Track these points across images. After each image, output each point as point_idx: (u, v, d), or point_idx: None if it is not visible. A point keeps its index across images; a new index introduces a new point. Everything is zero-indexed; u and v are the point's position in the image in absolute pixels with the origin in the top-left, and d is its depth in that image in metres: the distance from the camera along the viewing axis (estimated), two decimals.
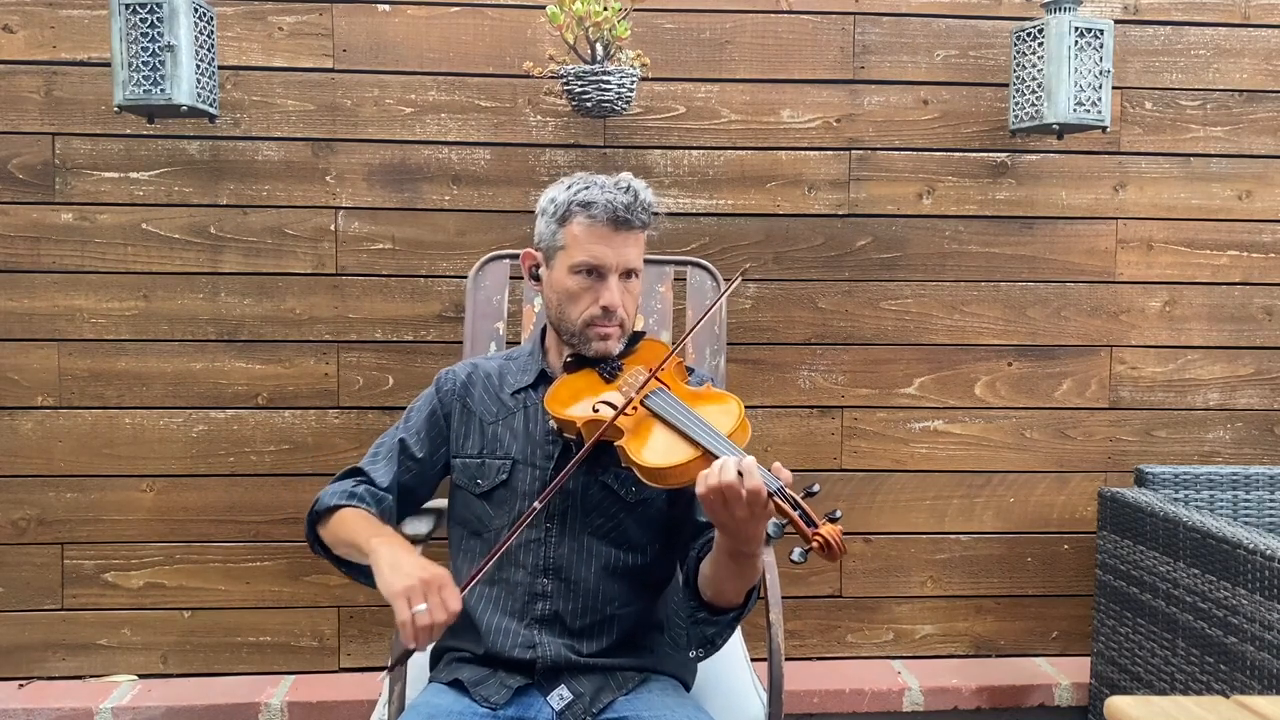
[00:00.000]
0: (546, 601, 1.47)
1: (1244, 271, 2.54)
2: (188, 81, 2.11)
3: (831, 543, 1.18)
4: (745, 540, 1.25)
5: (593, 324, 1.49)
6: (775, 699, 1.53)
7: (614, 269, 1.47)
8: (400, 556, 1.34)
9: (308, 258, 2.37)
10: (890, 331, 2.48)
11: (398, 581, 1.28)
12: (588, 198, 1.47)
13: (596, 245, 1.47)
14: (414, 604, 1.26)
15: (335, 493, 1.52)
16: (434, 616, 1.26)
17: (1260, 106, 2.51)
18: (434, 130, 2.37)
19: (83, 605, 2.38)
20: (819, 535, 1.19)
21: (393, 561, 1.32)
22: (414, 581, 1.28)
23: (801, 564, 1.18)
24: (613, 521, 1.49)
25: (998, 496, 2.53)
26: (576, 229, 1.47)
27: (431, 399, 1.60)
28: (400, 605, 1.26)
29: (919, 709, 2.39)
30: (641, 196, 1.48)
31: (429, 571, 1.30)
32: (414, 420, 1.59)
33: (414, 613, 1.25)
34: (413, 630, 1.25)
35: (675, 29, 2.39)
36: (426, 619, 1.25)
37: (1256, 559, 1.78)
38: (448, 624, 1.27)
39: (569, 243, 1.48)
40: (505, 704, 1.42)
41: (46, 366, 2.34)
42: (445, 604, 1.27)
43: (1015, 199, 2.49)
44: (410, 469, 1.57)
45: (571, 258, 1.48)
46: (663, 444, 1.34)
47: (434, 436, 1.58)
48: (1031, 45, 2.29)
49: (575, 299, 1.49)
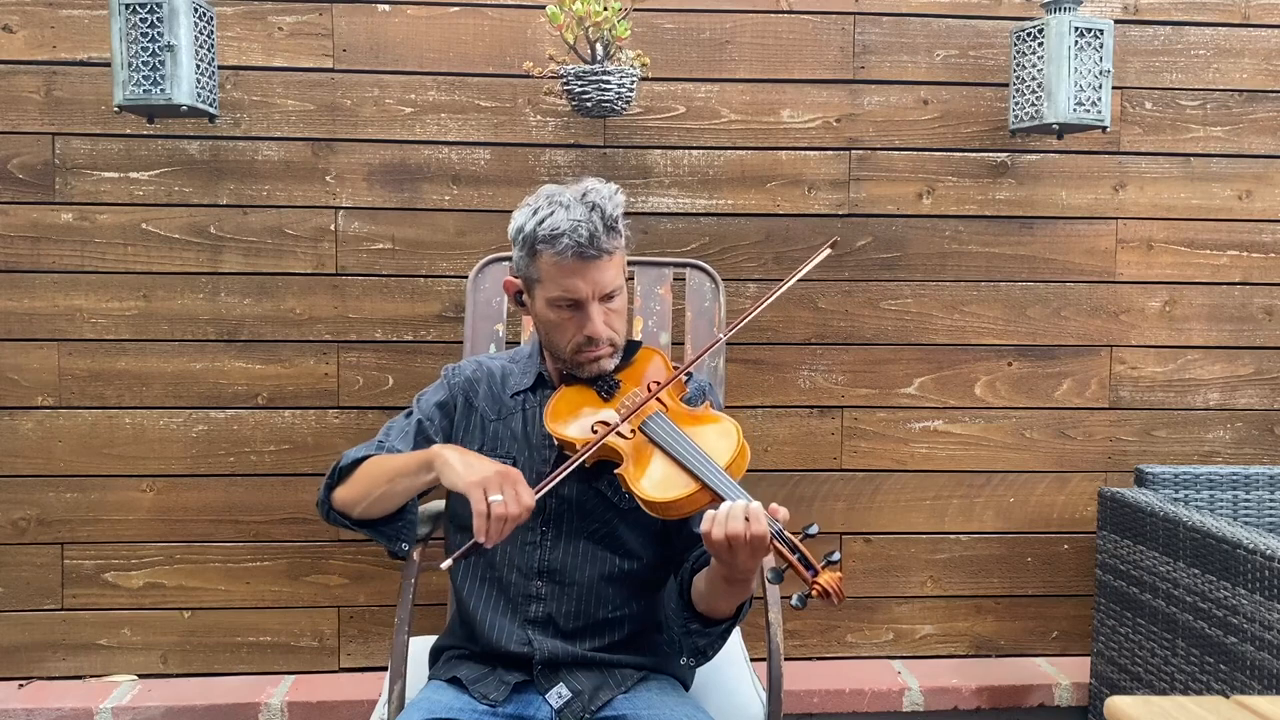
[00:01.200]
0: (540, 604, 1.48)
1: (1244, 271, 2.54)
2: (188, 81, 2.11)
3: (830, 590, 1.20)
4: (742, 572, 1.27)
5: (581, 351, 1.48)
6: (775, 699, 1.53)
7: (591, 298, 1.43)
8: (469, 455, 1.37)
9: (308, 258, 2.37)
10: (890, 331, 2.48)
11: (472, 474, 1.30)
12: (553, 230, 1.40)
13: (568, 279, 1.42)
14: (490, 494, 1.27)
15: (357, 451, 1.52)
16: (509, 508, 1.27)
17: (1260, 106, 2.51)
18: (434, 130, 2.37)
19: (83, 605, 2.38)
20: (818, 584, 1.21)
21: (463, 458, 1.35)
22: (490, 473, 1.30)
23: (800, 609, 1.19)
24: (607, 527, 1.50)
25: (998, 496, 2.53)
26: (546, 264, 1.43)
27: (444, 389, 1.60)
28: (477, 495, 1.28)
29: (919, 709, 2.39)
30: (609, 213, 1.42)
31: (502, 466, 1.32)
32: (427, 407, 1.58)
33: (490, 502, 1.27)
34: (486, 522, 1.26)
35: (675, 29, 2.39)
36: (502, 509, 1.27)
37: (1256, 559, 1.78)
38: (521, 519, 1.29)
39: (542, 276, 1.45)
40: (504, 701, 1.42)
41: (46, 366, 2.34)
42: (520, 497, 1.29)
43: (1015, 199, 2.49)
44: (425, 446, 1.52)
45: (547, 292, 1.45)
46: (661, 475, 1.35)
47: (445, 427, 1.57)
48: (1031, 45, 2.29)
49: (559, 329, 1.47)
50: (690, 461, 1.33)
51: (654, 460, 1.37)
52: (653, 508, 1.33)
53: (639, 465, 1.36)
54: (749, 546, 1.21)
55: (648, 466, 1.36)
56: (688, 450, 1.35)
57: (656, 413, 1.42)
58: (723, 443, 1.36)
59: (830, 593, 1.19)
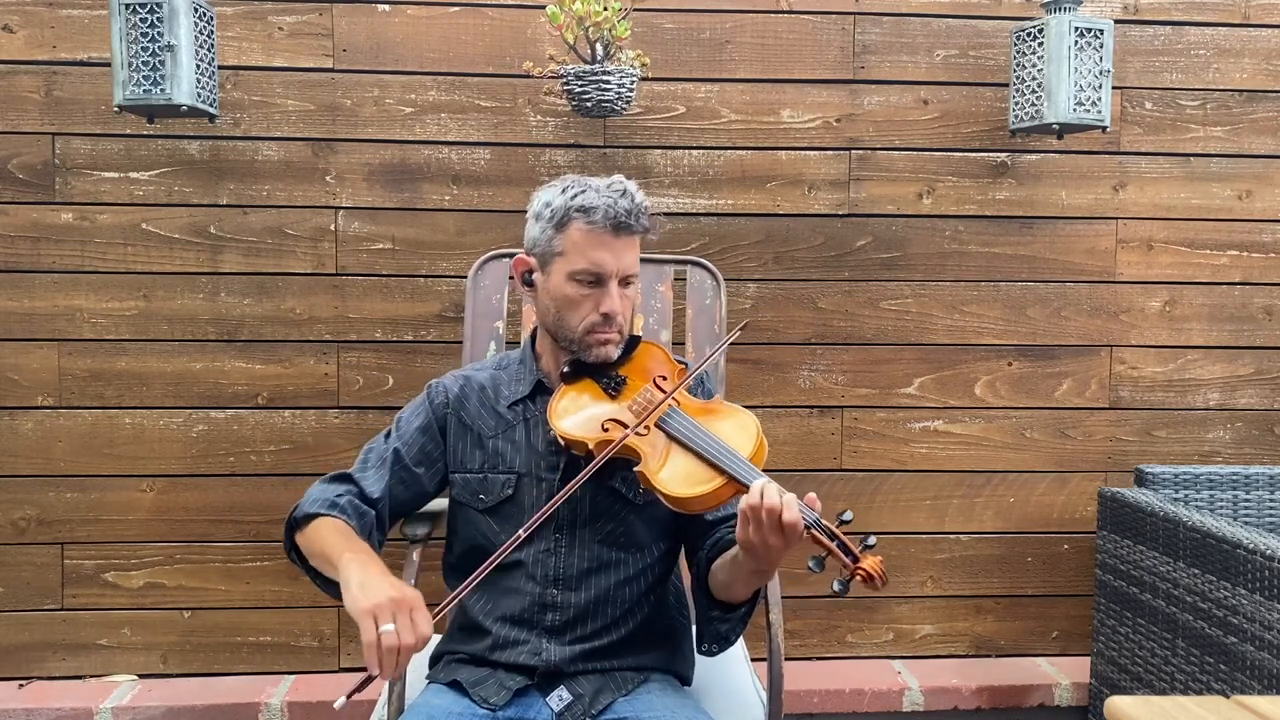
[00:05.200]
0: (557, 612, 1.46)
1: (1244, 271, 2.54)
2: (188, 81, 2.11)
3: (874, 574, 1.20)
4: (769, 563, 1.26)
5: (593, 330, 1.46)
6: (775, 699, 1.53)
7: (614, 275, 1.44)
8: (371, 575, 1.25)
9: (308, 258, 2.37)
10: (890, 331, 2.48)
11: (365, 599, 1.20)
12: (587, 202, 1.42)
13: (597, 251, 1.43)
14: (381, 623, 1.17)
15: (316, 500, 1.47)
16: (401, 638, 1.17)
17: (1260, 106, 2.51)
18: (434, 130, 2.37)
19: (83, 605, 2.38)
20: (861, 569, 1.21)
21: (362, 580, 1.24)
22: (383, 599, 1.19)
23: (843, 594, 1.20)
24: (622, 525, 1.49)
25: (998, 496, 2.53)
26: (576, 235, 1.43)
27: (425, 411, 1.55)
28: (367, 624, 1.18)
29: (919, 709, 2.39)
30: (638, 200, 1.45)
31: (400, 591, 1.22)
32: (406, 431, 1.54)
33: (380, 632, 1.17)
34: (378, 652, 1.16)
35: (675, 29, 2.39)
36: (393, 640, 1.17)
37: (1256, 559, 1.78)
38: (415, 649, 1.19)
39: (568, 249, 1.44)
40: (504, 705, 1.41)
41: (46, 366, 2.34)
42: (415, 626, 1.19)
43: (1015, 199, 2.49)
44: (403, 479, 1.52)
45: (571, 264, 1.44)
46: (685, 471, 1.33)
47: (428, 450, 1.53)
48: (1031, 45, 2.29)
49: (575, 306, 1.46)
50: (714, 455, 1.32)
51: (676, 456, 1.36)
52: (678, 503, 1.32)
53: (660, 462, 1.35)
54: (781, 532, 1.20)
55: (669, 463, 1.35)
56: (710, 444, 1.34)
57: (673, 408, 1.42)
58: (742, 435, 1.36)
59: (874, 576, 1.20)
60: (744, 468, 1.29)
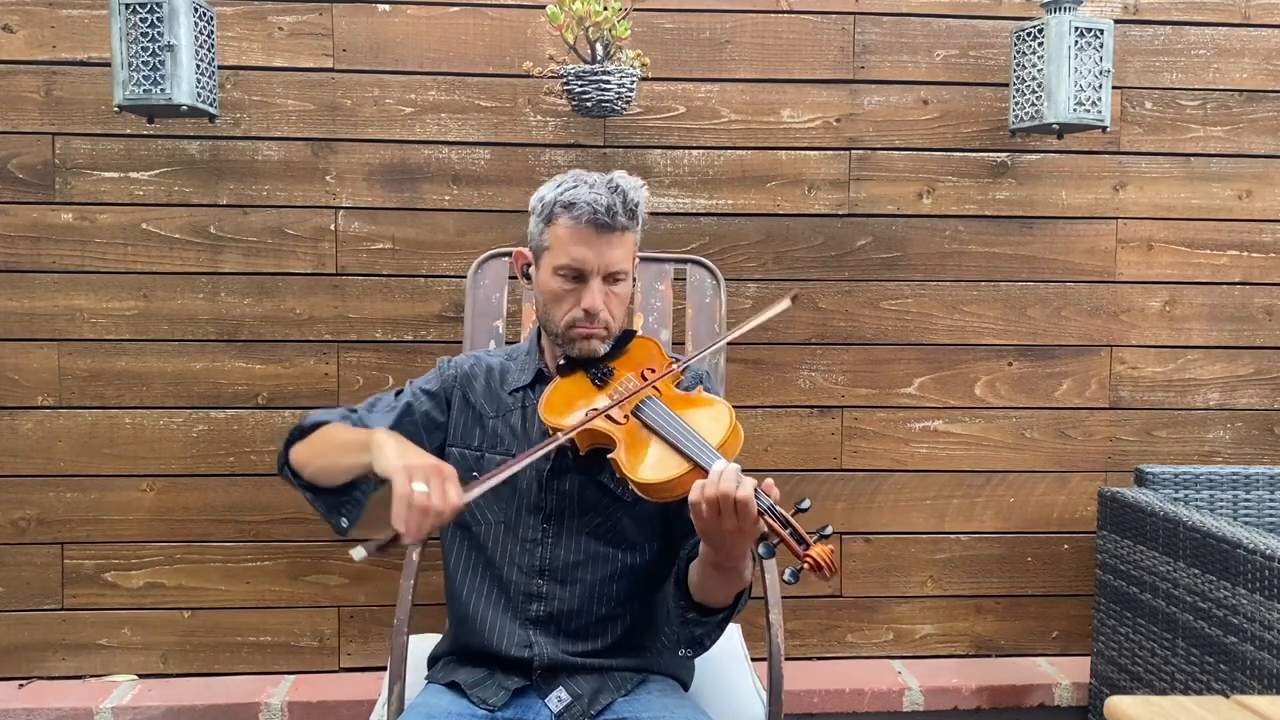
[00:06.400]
0: (542, 603, 1.47)
1: (1244, 271, 2.54)
2: (188, 81, 2.11)
3: (822, 563, 1.18)
4: (728, 554, 1.24)
5: (575, 325, 1.47)
6: (775, 699, 1.53)
7: (595, 272, 1.45)
8: (409, 446, 1.29)
9: (308, 257, 2.37)
10: (890, 331, 2.48)
11: (401, 459, 1.22)
12: (572, 198, 1.43)
13: (577, 247, 1.44)
14: (415, 481, 1.18)
15: (325, 412, 1.50)
16: (432, 500, 1.18)
17: (1260, 106, 2.51)
18: (434, 130, 2.37)
19: (83, 605, 2.38)
20: (809, 557, 1.19)
21: (399, 448, 1.26)
22: (420, 462, 1.22)
23: (794, 584, 1.18)
24: (610, 520, 1.49)
25: (998, 496, 2.53)
26: (560, 230, 1.45)
27: (436, 380, 1.58)
28: (400, 480, 1.19)
29: (919, 709, 2.39)
30: (630, 196, 1.45)
31: (437, 461, 1.24)
32: (418, 392, 1.56)
33: (414, 489, 1.18)
34: (407, 510, 1.17)
35: (675, 29, 2.39)
36: (424, 500, 1.17)
37: (1256, 559, 1.78)
38: (444, 516, 1.19)
39: (553, 243, 1.46)
40: (503, 706, 1.41)
41: (46, 366, 2.34)
42: (447, 494, 1.20)
43: (1015, 199, 2.49)
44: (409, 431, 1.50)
45: (555, 259, 1.46)
46: (654, 458, 1.34)
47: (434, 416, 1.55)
48: (1031, 45, 2.29)
49: (559, 300, 1.47)
50: (683, 443, 1.32)
51: (648, 444, 1.37)
52: (646, 490, 1.32)
53: (632, 449, 1.36)
54: (735, 515, 1.19)
55: (640, 450, 1.36)
56: (680, 432, 1.34)
57: (650, 397, 1.42)
58: (715, 425, 1.36)
59: (821, 565, 1.18)
60: (709, 455, 1.29)
